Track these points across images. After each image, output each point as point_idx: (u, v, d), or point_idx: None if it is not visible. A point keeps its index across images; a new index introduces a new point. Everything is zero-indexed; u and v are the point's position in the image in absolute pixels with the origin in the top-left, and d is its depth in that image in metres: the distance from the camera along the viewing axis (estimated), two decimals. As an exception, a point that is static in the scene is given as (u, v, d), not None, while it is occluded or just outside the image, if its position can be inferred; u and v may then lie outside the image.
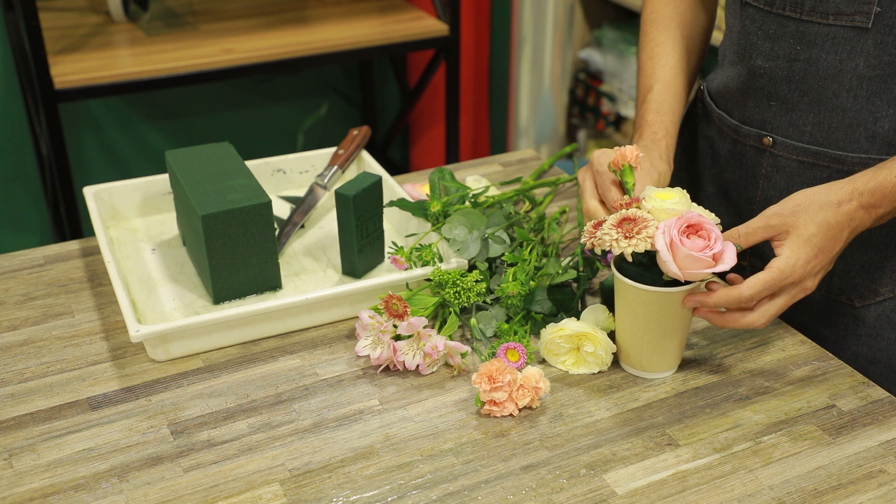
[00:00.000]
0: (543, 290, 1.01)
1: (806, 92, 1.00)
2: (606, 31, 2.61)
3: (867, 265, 1.03)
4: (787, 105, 1.02)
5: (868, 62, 0.95)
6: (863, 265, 1.03)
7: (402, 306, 0.94)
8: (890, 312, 1.03)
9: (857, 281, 1.04)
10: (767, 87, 1.02)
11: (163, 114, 2.54)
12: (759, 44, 1.02)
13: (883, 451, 0.86)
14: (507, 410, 0.89)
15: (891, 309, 1.03)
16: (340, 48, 2.14)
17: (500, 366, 0.89)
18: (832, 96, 0.98)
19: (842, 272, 1.04)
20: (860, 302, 1.05)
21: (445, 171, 1.18)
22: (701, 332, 1.02)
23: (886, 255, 1.01)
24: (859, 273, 1.03)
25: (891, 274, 1.02)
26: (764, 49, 1.01)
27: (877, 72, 0.95)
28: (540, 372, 0.90)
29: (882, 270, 1.02)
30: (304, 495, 0.81)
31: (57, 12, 2.25)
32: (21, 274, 1.12)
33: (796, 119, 1.01)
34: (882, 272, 1.02)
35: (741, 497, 0.81)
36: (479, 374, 0.89)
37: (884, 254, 1.01)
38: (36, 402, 0.92)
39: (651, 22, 1.14)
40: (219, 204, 1.00)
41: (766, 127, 1.05)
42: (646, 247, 0.86)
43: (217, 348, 0.99)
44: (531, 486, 0.82)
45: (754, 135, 1.06)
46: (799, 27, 0.97)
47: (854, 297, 1.05)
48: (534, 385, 0.90)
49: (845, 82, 0.97)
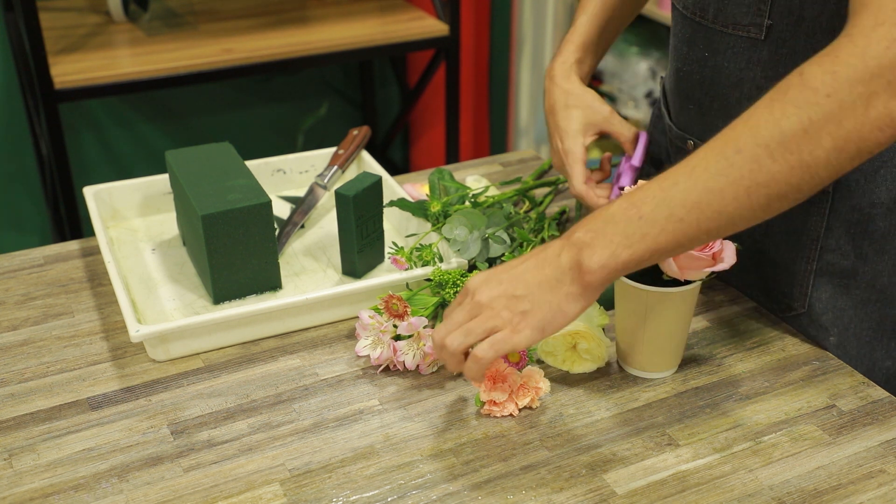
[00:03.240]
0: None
1: (715, 98, 1.01)
2: (606, 31, 2.61)
3: (779, 280, 1.03)
4: (702, 109, 1.03)
5: (765, 73, 0.95)
6: (775, 280, 1.04)
7: (402, 306, 0.94)
8: (806, 326, 1.03)
9: (773, 295, 1.05)
10: (686, 90, 1.04)
11: (163, 114, 2.54)
12: (679, 47, 1.04)
13: (883, 451, 0.86)
14: (507, 410, 0.89)
15: (806, 323, 1.03)
16: (340, 48, 2.14)
17: (500, 367, 0.89)
18: (735, 103, 0.99)
19: (761, 286, 1.05)
20: (780, 314, 1.06)
21: (445, 172, 1.18)
22: (701, 332, 1.02)
23: (794, 270, 1.01)
24: (773, 287, 1.05)
25: (799, 289, 1.02)
26: (682, 53, 1.03)
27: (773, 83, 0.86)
28: (540, 372, 0.90)
29: (791, 286, 1.02)
30: (304, 495, 0.81)
31: (57, 12, 2.25)
32: (21, 274, 1.12)
33: (710, 123, 1.02)
34: (791, 287, 1.02)
35: (741, 497, 0.81)
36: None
37: (791, 269, 1.01)
38: (36, 402, 0.92)
39: None
40: (219, 204, 1.00)
41: (687, 130, 1.07)
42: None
43: (217, 348, 0.99)
44: (531, 486, 0.82)
45: (679, 136, 1.09)
46: (707, 34, 0.99)
47: (774, 310, 1.06)
48: (535, 385, 0.90)
49: (745, 91, 0.97)
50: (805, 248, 1.00)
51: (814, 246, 0.99)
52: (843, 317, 1.00)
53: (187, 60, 2.01)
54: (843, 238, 0.97)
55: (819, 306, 1.01)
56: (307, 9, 2.33)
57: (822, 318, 1.01)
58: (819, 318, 1.01)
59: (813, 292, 1.01)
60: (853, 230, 0.97)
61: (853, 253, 0.98)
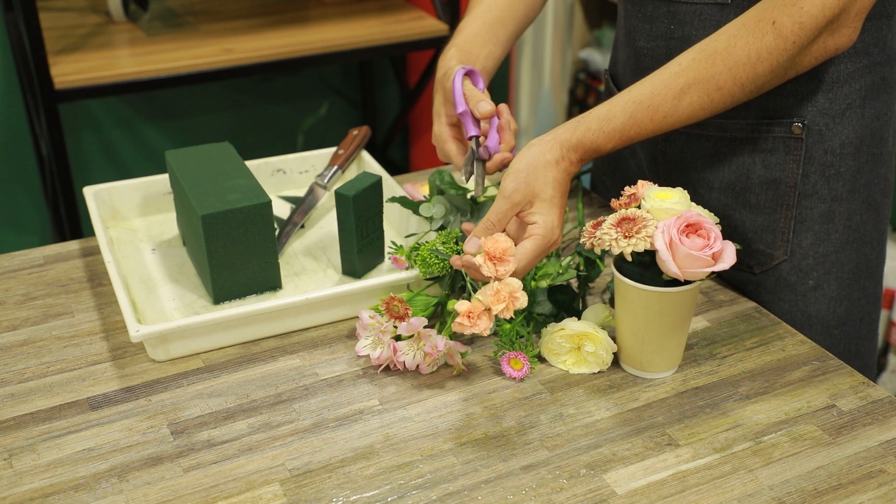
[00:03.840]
0: (544, 291, 1.01)
1: None
2: (606, 31, 2.61)
3: (759, 231, 1.07)
4: None
5: None
6: (755, 231, 1.08)
7: (403, 308, 0.94)
8: (786, 274, 1.07)
9: (754, 248, 1.08)
10: (651, 67, 1.06)
11: (163, 114, 2.54)
12: (639, 26, 1.08)
13: (883, 451, 0.86)
14: (480, 326, 0.88)
15: (787, 271, 1.07)
16: (340, 48, 2.14)
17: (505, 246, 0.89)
18: None
19: (739, 241, 1.08)
20: (759, 269, 1.09)
21: (445, 173, 1.18)
22: (701, 332, 1.02)
23: (775, 219, 1.06)
24: (754, 240, 1.08)
25: (781, 236, 1.06)
26: (644, 30, 1.08)
27: None
28: (519, 284, 0.90)
29: (773, 234, 1.07)
30: (304, 495, 0.81)
31: (57, 12, 2.25)
32: (21, 274, 1.12)
33: None
34: (773, 236, 1.07)
35: (741, 497, 0.81)
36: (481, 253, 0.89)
37: (772, 217, 1.06)
38: (36, 402, 0.92)
39: None
40: (219, 204, 1.00)
41: None
42: (645, 246, 0.86)
43: (217, 348, 0.99)
44: (531, 486, 0.82)
45: None
46: (670, 7, 1.04)
47: (753, 264, 1.09)
48: (510, 293, 0.89)
49: None
50: (784, 195, 1.05)
51: (792, 193, 1.04)
52: (826, 262, 1.06)
53: (187, 60, 2.01)
54: (819, 182, 1.04)
55: (800, 252, 1.06)
56: (307, 9, 2.33)
57: (803, 263, 1.07)
58: (800, 264, 1.07)
59: (794, 238, 1.06)
60: (827, 172, 1.03)
61: (829, 195, 1.04)
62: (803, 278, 1.07)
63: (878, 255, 1.11)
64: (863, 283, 1.10)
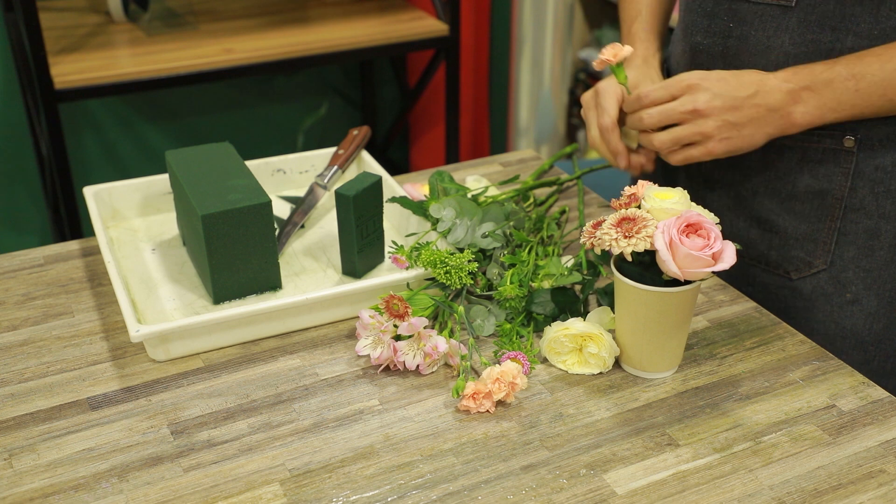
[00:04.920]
0: (546, 291, 1.01)
1: (739, 68, 1.03)
2: (606, 31, 2.61)
3: (801, 238, 1.07)
4: None
5: (793, 39, 0.99)
6: (797, 238, 1.07)
7: (402, 307, 0.94)
8: (824, 284, 1.06)
9: (793, 254, 1.08)
10: (706, 63, 1.06)
11: (163, 114, 2.54)
12: (698, 21, 1.07)
13: (883, 451, 0.86)
14: (484, 407, 0.89)
15: (825, 280, 1.06)
16: (340, 48, 2.14)
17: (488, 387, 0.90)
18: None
19: (778, 246, 1.08)
20: (796, 275, 1.08)
21: (445, 174, 1.18)
22: (701, 332, 1.02)
23: (818, 228, 1.05)
24: (794, 246, 1.07)
25: (822, 246, 1.05)
26: (702, 26, 1.07)
27: (801, 49, 0.99)
28: (519, 368, 0.90)
29: (814, 243, 1.06)
30: (304, 495, 0.81)
31: (57, 12, 2.25)
32: (21, 274, 1.12)
33: None
34: (815, 244, 1.06)
35: (741, 497, 0.81)
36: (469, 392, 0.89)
37: (815, 226, 1.05)
38: (36, 402, 0.92)
39: None
40: (219, 204, 1.00)
41: None
42: (645, 246, 0.86)
43: (217, 348, 0.99)
44: (531, 486, 0.82)
45: None
46: (732, 5, 1.03)
47: (791, 270, 1.09)
48: (510, 380, 0.89)
49: (773, 58, 1.01)
50: (830, 206, 1.04)
51: (839, 205, 1.03)
52: (867, 277, 1.05)
53: (187, 60, 2.01)
54: (868, 197, 1.02)
55: (841, 263, 1.05)
56: (307, 9, 2.33)
57: (843, 276, 1.05)
58: (839, 275, 1.05)
59: (836, 249, 1.04)
60: (876, 189, 1.01)
61: (876, 212, 1.02)
62: (841, 290, 1.06)
63: None
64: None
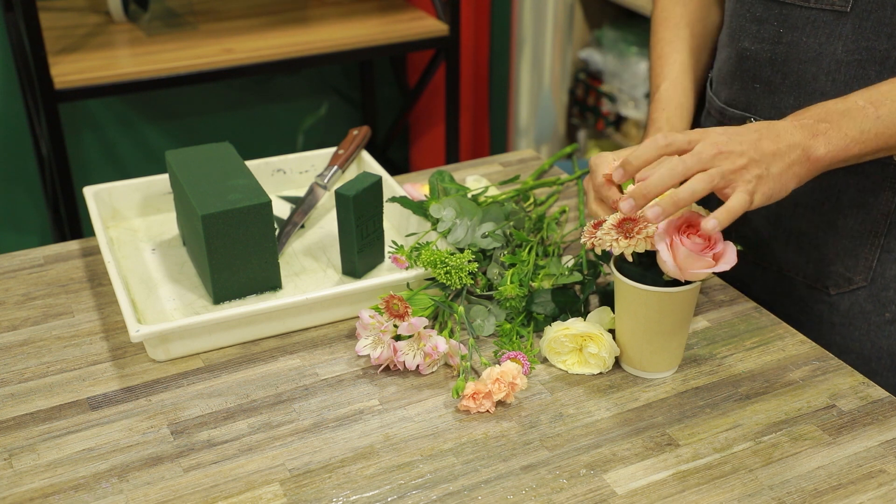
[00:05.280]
0: (546, 291, 1.01)
1: (787, 74, 1.02)
2: (606, 31, 2.61)
3: (841, 253, 1.05)
4: (770, 87, 1.04)
5: (846, 46, 0.96)
6: (837, 253, 1.05)
7: (402, 306, 0.94)
8: (863, 301, 1.04)
9: (832, 269, 1.06)
10: (753, 70, 1.04)
11: (163, 114, 2.54)
12: (746, 26, 1.04)
13: (883, 451, 0.86)
14: (484, 407, 0.89)
15: (864, 297, 1.04)
16: (340, 48, 2.14)
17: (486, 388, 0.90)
18: (811, 79, 1.00)
19: (817, 260, 1.06)
20: (835, 290, 1.06)
21: (445, 174, 1.18)
22: (701, 332, 1.02)
23: (860, 244, 1.03)
24: (834, 261, 1.05)
25: (864, 262, 1.03)
26: (751, 32, 1.04)
27: (854, 56, 0.96)
28: (519, 368, 0.90)
29: (856, 258, 1.04)
30: (304, 495, 0.81)
31: (57, 12, 2.25)
32: (21, 274, 1.12)
33: (778, 101, 1.03)
34: (856, 260, 1.04)
35: (741, 497, 0.81)
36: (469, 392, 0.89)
37: (857, 242, 1.03)
38: (36, 402, 0.92)
39: (661, 21, 1.16)
40: (219, 204, 1.00)
41: (749, 109, 1.07)
42: (645, 246, 0.86)
43: (217, 348, 0.99)
44: (531, 486, 0.82)
45: (738, 117, 1.08)
46: (783, 10, 1.00)
47: (829, 284, 1.07)
48: (510, 381, 0.89)
49: (824, 66, 0.98)
50: (875, 222, 1.01)
51: (883, 221, 1.01)
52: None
53: (187, 60, 2.01)
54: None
55: (882, 281, 1.02)
56: (307, 9, 2.33)
57: (883, 294, 1.03)
58: (880, 294, 1.03)
59: (877, 266, 1.02)
60: None
61: None
62: (880, 309, 1.03)
63: None
64: None
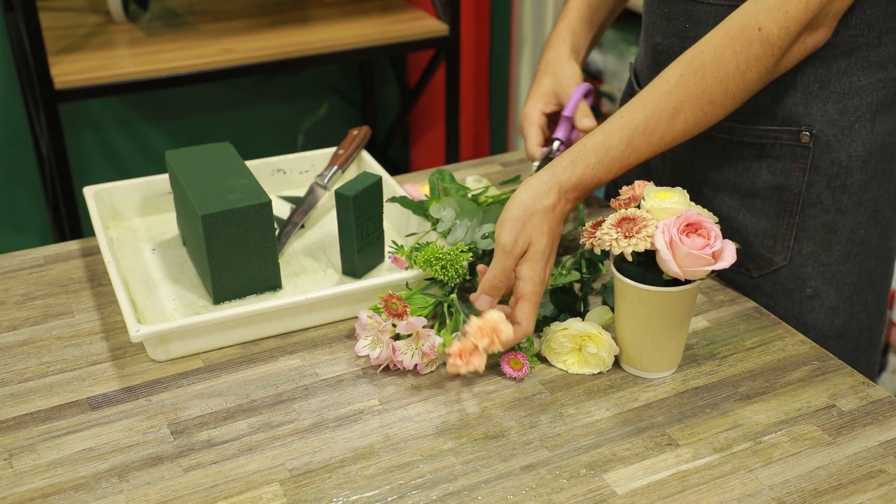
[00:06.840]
0: (546, 291, 1.01)
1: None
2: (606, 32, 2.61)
3: (761, 235, 1.07)
4: None
5: None
6: (757, 235, 1.08)
7: (401, 306, 0.94)
8: (785, 280, 1.07)
9: (753, 251, 1.09)
10: (665, 63, 1.06)
11: (163, 114, 2.54)
12: (657, 22, 1.09)
13: (883, 451, 0.86)
14: (473, 365, 0.89)
15: (785, 277, 1.07)
16: (340, 48, 2.14)
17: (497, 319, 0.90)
18: None
19: (740, 243, 1.08)
20: (757, 272, 1.09)
21: (445, 173, 1.18)
22: (701, 332, 1.02)
23: (778, 225, 1.06)
24: (754, 244, 1.08)
25: (782, 242, 1.06)
26: (661, 27, 1.09)
27: None
28: (501, 316, 0.90)
29: (775, 239, 1.07)
30: (304, 495, 0.81)
31: (57, 12, 2.25)
32: (21, 274, 1.12)
33: None
34: (774, 241, 1.07)
35: (741, 497, 0.81)
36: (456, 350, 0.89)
37: (775, 223, 1.06)
38: (36, 402, 0.92)
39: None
40: (219, 204, 1.00)
41: None
42: (645, 246, 0.86)
43: (217, 348, 0.99)
44: (531, 486, 0.82)
45: None
46: (687, 6, 1.04)
47: (752, 267, 1.10)
48: (492, 327, 0.89)
49: None
50: (788, 202, 1.05)
51: (796, 200, 1.04)
52: (826, 272, 1.06)
53: (187, 60, 2.01)
54: (824, 192, 1.03)
55: (800, 259, 1.06)
56: (307, 9, 2.33)
57: (802, 271, 1.06)
58: (799, 271, 1.07)
59: (794, 245, 1.06)
60: (833, 183, 1.03)
61: (833, 206, 1.04)
62: (801, 286, 1.07)
63: (883, 270, 1.10)
64: (864, 296, 1.09)
